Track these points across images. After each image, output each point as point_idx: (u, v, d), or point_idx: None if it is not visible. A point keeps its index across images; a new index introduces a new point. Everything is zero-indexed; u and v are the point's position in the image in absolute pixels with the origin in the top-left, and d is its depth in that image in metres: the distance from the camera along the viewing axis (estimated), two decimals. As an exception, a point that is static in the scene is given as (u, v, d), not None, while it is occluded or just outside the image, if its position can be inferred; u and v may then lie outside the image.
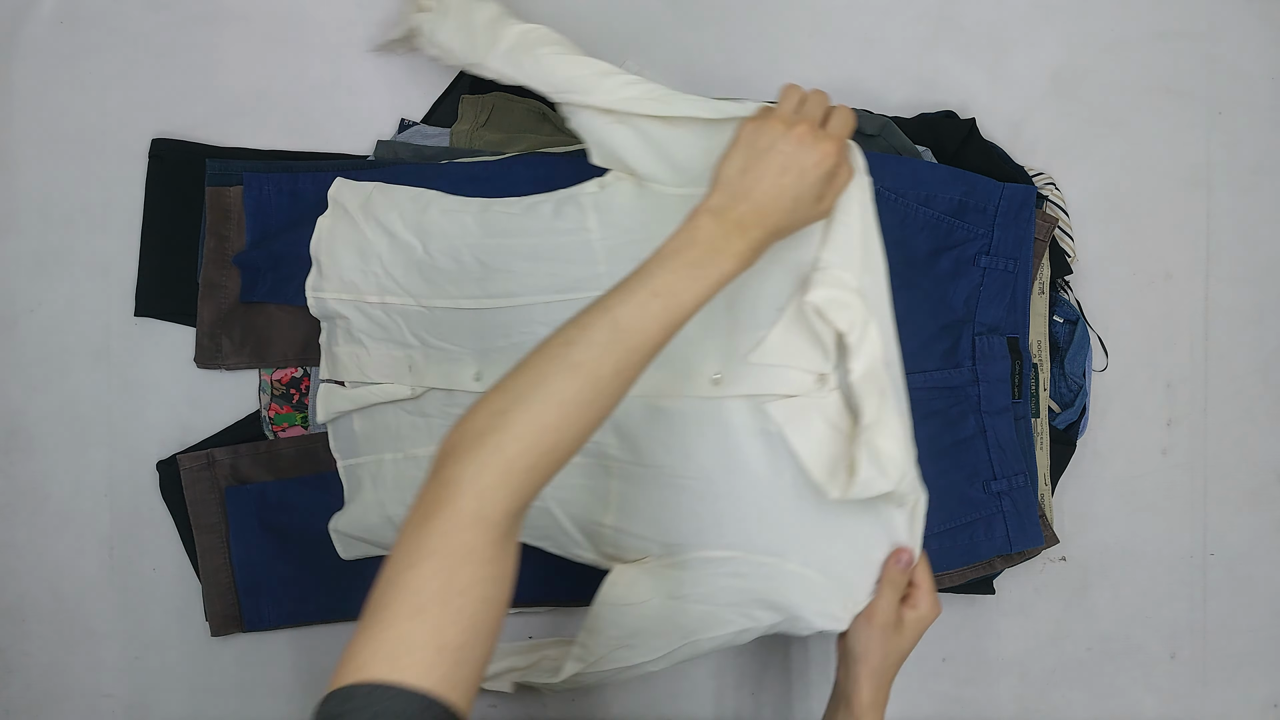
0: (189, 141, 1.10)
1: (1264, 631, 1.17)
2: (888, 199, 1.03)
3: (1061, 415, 1.12)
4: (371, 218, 1.01)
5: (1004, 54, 1.14)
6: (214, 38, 1.11)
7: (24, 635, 1.11)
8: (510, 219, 1.00)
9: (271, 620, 1.08)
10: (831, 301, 0.83)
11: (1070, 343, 1.11)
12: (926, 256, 1.04)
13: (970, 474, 1.05)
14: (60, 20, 1.10)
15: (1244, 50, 1.16)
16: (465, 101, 1.09)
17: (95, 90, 1.10)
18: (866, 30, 1.13)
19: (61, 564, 1.10)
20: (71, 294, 1.10)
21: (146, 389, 1.10)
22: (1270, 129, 1.16)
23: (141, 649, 1.11)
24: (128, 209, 1.10)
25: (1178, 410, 1.16)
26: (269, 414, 1.08)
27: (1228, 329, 1.16)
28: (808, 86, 1.12)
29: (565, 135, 1.08)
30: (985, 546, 1.05)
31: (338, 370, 1.03)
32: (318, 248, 1.03)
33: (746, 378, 0.91)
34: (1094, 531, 1.15)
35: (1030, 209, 1.06)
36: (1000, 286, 1.06)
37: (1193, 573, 1.16)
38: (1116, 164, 1.15)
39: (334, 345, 1.04)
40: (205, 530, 1.07)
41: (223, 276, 1.07)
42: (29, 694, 1.10)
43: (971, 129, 1.10)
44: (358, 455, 1.04)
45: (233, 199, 1.06)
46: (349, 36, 1.11)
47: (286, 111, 1.11)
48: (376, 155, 1.09)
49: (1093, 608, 1.15)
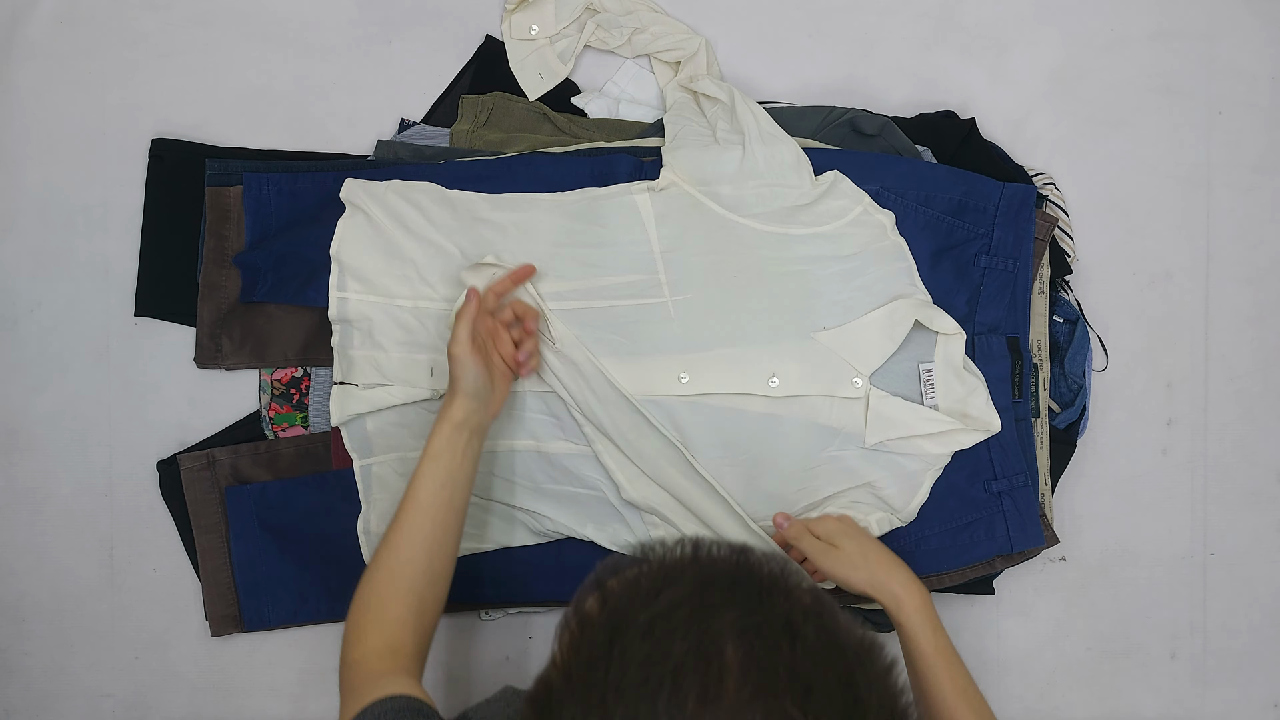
0: (189, 141, 1.10)
1: (1264, 631, 1.17)
2: (887, 199, 1.03)
3: (1061, 415, 1.12)
4: (397, 221, 1.02)
5: (1004, 54, 1.14)
6: (214, 38, 1.11)
7: (24, 635, 1.11)
8: (554, 223, 1.02)
9: (271, 620, 1.08)
10: (924, 306, 1.01)
11: (1070, 343, 1.11)
12: (926, 256, 1.04)
13: (971, 474, 1.05)
14: (60, 20, 1.10)
15: (1244, 50, 1.16)
16: (465, 101, 1.09)
17: (95, 90, 1.10)
18: (866, 30, 1.13)
19: (61, 564, 1.10)
20: (71, 294, 1.10)
21: (146, 389, 1.10)
22: (1270, 129, 1.16)
23: (141, 649, 1.11)
24: (128, 209, 1.10)
25: (1178, 410, 1.16)
26: (269, 414, 1.08)
27: (1228, 329, 1.16)
28: (807, 87, 1.13)
29: (565, 135, 1.08)
30: (986, 546, 1.05)
31: (352, 373, 1.03)
32: (339, 250, 1.02)
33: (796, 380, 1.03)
34: (1094, 531, 1.15)
35: (1030, 208, 1.06)
36: (1000, 286, 1.06)
37: (1193, 573, 1.16)
38: (1116, 164, 1.15)
39: (349, 348, 1.04)
40: (205, 530, 1.07)
41: (223, 276, 1.07)
42: (29, 694, 1.10)
43: (971, 129, 1.10)
44: (375, 454, 1.04)
45: (233, 199, 1.06)
46: (349, 36, 1.11)
47: (286, 111, 1.11)
48: (376, 155, 1.09)
49: (1093, 608, 1.15)
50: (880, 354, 1.02)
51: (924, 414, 1.01)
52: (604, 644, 0.49)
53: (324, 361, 1.07)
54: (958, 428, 1.01)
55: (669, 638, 0.48)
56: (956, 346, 1.02)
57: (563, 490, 1.03)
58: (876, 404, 1.01)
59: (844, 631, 0.52)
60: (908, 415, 1.01)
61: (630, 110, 1.10)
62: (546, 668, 0.52)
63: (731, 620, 0.49)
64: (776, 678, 0.47)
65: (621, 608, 0.51)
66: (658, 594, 0.51)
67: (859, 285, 1.03)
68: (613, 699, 0.47)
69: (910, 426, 1.01)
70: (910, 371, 1.04)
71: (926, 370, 1.03)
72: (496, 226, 1.02)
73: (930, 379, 1.03)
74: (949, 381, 1.03)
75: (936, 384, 1.03)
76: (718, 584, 0.52)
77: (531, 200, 1.03)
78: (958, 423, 1.01)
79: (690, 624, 0.49)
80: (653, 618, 0.49)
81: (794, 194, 1.02)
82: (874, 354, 1.02)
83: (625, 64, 1.11)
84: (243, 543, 1.06)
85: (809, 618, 0.51)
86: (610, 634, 0.50)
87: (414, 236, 1.02)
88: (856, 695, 0.48)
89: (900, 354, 1.03)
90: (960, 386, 1.03)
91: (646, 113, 1.10)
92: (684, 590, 0.51)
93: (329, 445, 1.07)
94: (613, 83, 1.11)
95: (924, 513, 1.04)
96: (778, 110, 1.08)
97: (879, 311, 1.02)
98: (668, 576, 0.52)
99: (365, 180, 1.03)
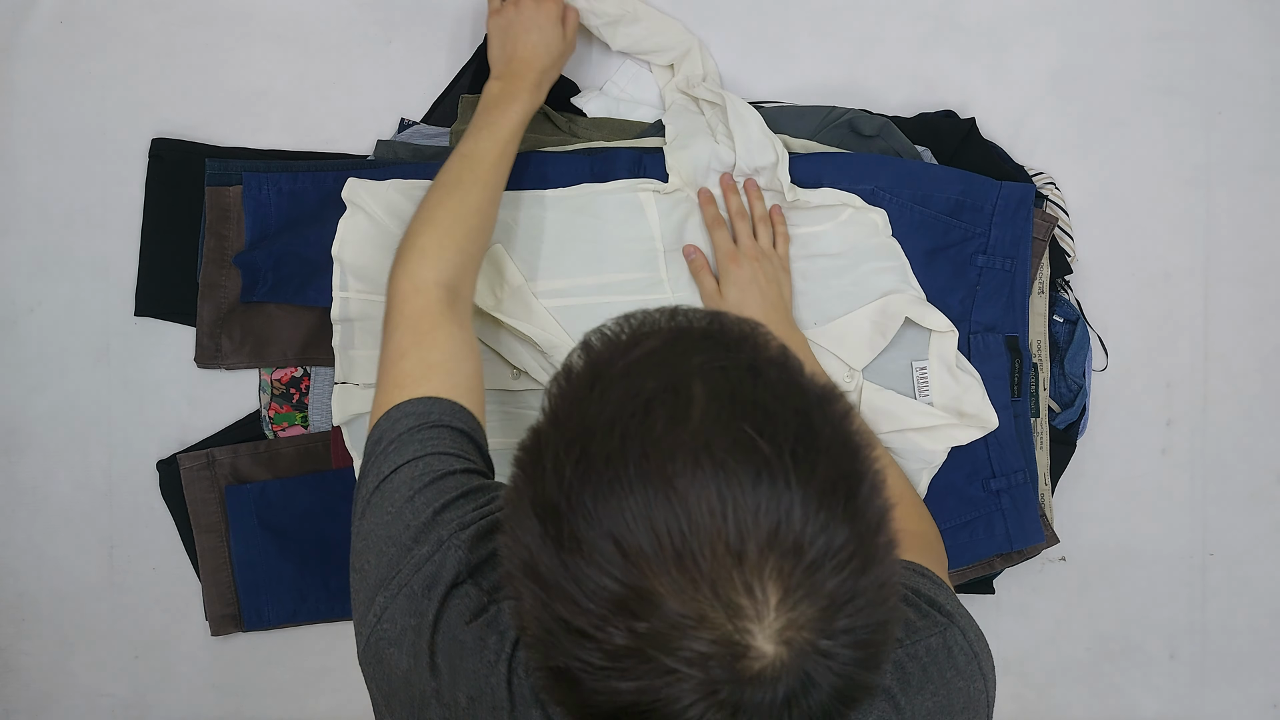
0: (189, 141, 1.10)
1: (1264, 631, 1.17)
2: (882, 199, 1.03)
3: (1061, 415, 1.12)
4: (400, 220, 1.02)
5: (1004, 54, 1.14)
6: (214, 38, 1.11)
7: (24, 635, 1.11)
8: (558, 218, 1.02)
9: (271, 620, 1.08)
10: (916, 303, 1.02)
11: (1070, 343, 1.11)
12: (923, 256, 1.04)
13: (969, 472, 1.05)
14: (60, 20, 1.10)
15: (1244, 50, 1.16)
16: (465, 101, 1.09)
17: (95, 90, 1.10)
18: (866, 30, 1.13)
19: (61, 564, 1.10)
20: (71, 294, 1.10)
21: (146, 389, 1.10)
22: (1270, 129, 1.16)
23: (141, 649, 1.11)
24: (128, 209, 1.10)
25: (1178, 410, 1.16)
26: (269, 414, 1.08)
27: (1228, 329, 1.16)
28: (807, 87, 1.13)
29: (564, 135, 1.08)
30: (985, 545, 1.05)
31: (354, 373, 1.03)
32: (341, 250, 1.02)
33: None
34: (1094, 531, 1.15)
35: (1028, 207, 1.06)
36: (997, 285, 1.06)
37: (1193, 573, 1.16)
38: (1116, 164, 1.15)
39: (350, 348, 1.03)
40: (205, 530, 1.07)
41: (223, 276, 1.07)
42: (29, 694, 1.10)
43: (971, 129, 1.10)
44: None
45: (232, 199, 1.06)
46: (349, 36, 1.11)
47: (286, 111, 1.11)
48: (376, 155, 1.09)
49: (1093, 608, 1.15)
50: (871, 349, 1.02)
51: (918, 407, 1.02)
52: (585, 387, 0.55)
53: (324, 361, 1.07)
54: (952, 423, 1.01)
55: (642, 377, 0.54)
56: (950, 344, 1.02)
57: None
58: (870, 396, 1.01)
59: (807, 379, 0.56)
60: (901, 408, 1.01)
61: (630, 110, 1.10)
62: (537, 419, 0.57)
63: (700, 362, 0.54)
64: (738, 406, 0.52)
65: (602, 358, 0.56)
66: (635, 345, 0.56)
67: (851, 281, 1.03)
68: (591, 428, 0.52)
69: (904, 420, 1.01)
70: (904, 369, 1.04)
71: (920, 368, 1.03)
72: (499, 223, 1.02)
73: (924, 376, 1.03)
74: (943, 378, 1.03)
75: (930, 381, 1.03)
76: (690, 335, 0.57)
77: (533, 197, 1.03)
78: (952, 418, 1.01)
79: (662, 365, 0.54)
80: (630, 363, 0.55)
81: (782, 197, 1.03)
82: (865, 349, 1.02)
83: (625, 64, 1.11)
84: (242, 542, 1.06)
85: (773, 364, 0.56)
86: (591, 379, 0.55)
87: None
88: (811, 425, 0.53)
89: (894, 351, 1.03)
90: (954, 384, 1.03)
91: (647, 113, 1.10)
92: (658, 341, 0.56)
93: (329, 445, 1.07)
94: (612, 83, 1.11)
95: (923, 513, 1.04)
96: (777, 110, 1.08)
97: (870, 307, 1.02)
98: (645, 332, 0.58)
99: (366, 180, 1.03)
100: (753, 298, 0.98)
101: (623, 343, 0.57)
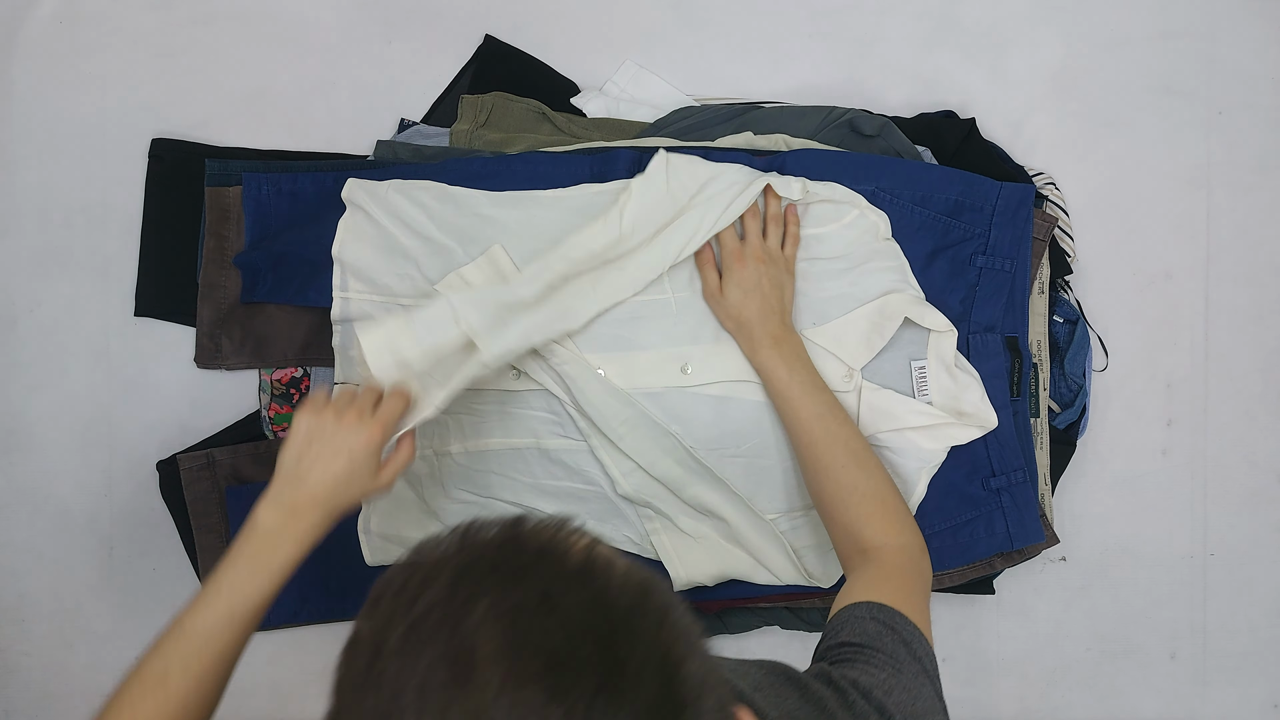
0: (189, 141, 1.10)
1: (1264, 631, 1.17)
2: (882, 199, 1.03)
3: (1061, 415, 1.12)
4: (398, 219, 1.02)
5: (1004, 54, 1.14)
6: (214, 38, 1.11)
7: (24, 635, 1.11)
8: (558, 219, 1.02)
9: (272, 620, 1.07)
10: (914, 303, 1.02)
11: (1070, 343, 1.11)
12: (921, 256, 1.04)
13: (969, 471, 1.05)
14: (60, 20, 1.10)
15: (1244, 50, 1.16)
16: (465, 101, 1.09)
17: (95, 90, 1.10)
18: (866, 30, 1.13)
19: (61, 564, 1.10)
20: (71, 294, 1.10)
21: (146, 389, 1.10)
22: (1270, 129, 1.16)
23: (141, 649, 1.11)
24: (128, 209, 1.10)
25: (1178, 410, 1.16)
26: (269, 414, 1.08)
27: (1228, 329, 1.16)
28: (807, 87, 1.13)
29: (564, 135, 1.08)
30: (986, 544, 1.05)
31: (354, 373, 1.03)
32: (341, 250, 1.02)
33: None
34: (1094, 531, 1.15)
35: (1028, 208, 1.06)
36: (997, 286, 1.06)
37: (1193, 573, 1.16)
38: (1116, 164, 1.15)
39: (350, 348, 1.03)
40: (205, 530, 1.07)
41: (223, 276, 1.07)
42: (29, 694, 1.10)
43: (971, 129, 1.10)
44: None
45: (232, 199, 1.06)
46: (349, 36, 1.11)
47: (286, 111, 1.11)
48: (376, 155, 1.09)
49: (1093, 608, 1.15)
50: (869, 348, 1.02)
51: (916, 406, 1.02)
52: (363, 669, 0.48)
53: (324, 361, 1.07)
54: (950, 421, 1.01)
55: (421, 647, 0.47)
56: (948, 343, 1.03)
57: (561, 486, 1.04)
58: (869, 396, 1.02)
59: (614, 587, 0.49)
60: (900, 407, 1.01)
61: (630, 110, 1.10)
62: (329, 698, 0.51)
63: (485, 608, 0.47)
64: (525, 662, 0.46)
65: (382, 625, 0.49)
66: (417, 599, 0.49)
67: (850, 281, 1.03)
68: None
69: (903, 419, 1.01)
70: (902, 369, 1.04)
71: (919, 367, 1.03)
72: (498, 223, 1.02)
73: (923, 375, 1.03)
74: (941, 378, 1.03)
75: (929, 381, 1.03)
76: (478, 570, 0.49)
77: (533, 197, 1.03)
78: (950, 417, 1.01)
79: (442, 625, 0.47)
80: (409, 628, 0.48)
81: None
82: (863, 349, 1.02)
83: (625, 64, 1.11)
84: (242, 543, 1.06)
85: (571, 584, 0.49)
86: (370, 656, 0.48)
87: (415, 234, 1.02)
88: (616, 657, 0.47)
89: (892, 351, 1.03)
90: (953, 383, 1.03)
91: (646, 113, 1.10)
92: (441, 590, 0.49)
93: (329, 445, 1.07)
94: (612, 83, 1.11)
95: (923, 511, 1.04)
96: (777, 110, 1.08)
97: (868, 306, 1.02)
98: (430, 576, 0.50)
99: (366, 180, 1.03)
100: (753, 300, 0.98)
101: (406, 598, 0.49)
